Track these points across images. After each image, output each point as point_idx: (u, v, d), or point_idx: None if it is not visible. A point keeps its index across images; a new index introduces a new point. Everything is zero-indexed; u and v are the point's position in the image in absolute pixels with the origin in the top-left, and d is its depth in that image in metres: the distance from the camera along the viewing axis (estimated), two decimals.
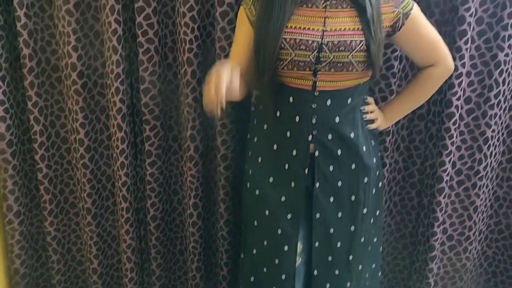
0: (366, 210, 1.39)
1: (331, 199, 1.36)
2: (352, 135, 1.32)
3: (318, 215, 1.36)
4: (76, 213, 1.90)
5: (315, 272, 1.40)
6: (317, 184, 1.34)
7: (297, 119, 1.30)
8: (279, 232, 1.38)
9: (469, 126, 1.70)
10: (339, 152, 1.32)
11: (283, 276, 1.40)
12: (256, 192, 1.42)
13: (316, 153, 1.32)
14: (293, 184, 1.35)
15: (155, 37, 1.58)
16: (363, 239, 1.42)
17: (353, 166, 1.35)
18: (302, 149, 1.32)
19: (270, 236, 1.41)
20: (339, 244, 1.39)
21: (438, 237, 1.76)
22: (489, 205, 1.85)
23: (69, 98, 1.68)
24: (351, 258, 1.41)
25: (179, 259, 1.97)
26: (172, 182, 1.86)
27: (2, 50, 1.62)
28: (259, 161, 1.41)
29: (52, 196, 1.82)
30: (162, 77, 1.67)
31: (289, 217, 1.37)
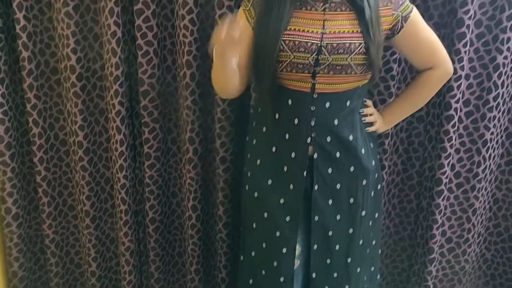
0: (364, 213, 1.39)
1: (330, 201, 1.36)
2: (351, 137, 1.32)
3: (316, 218, 1.36)
4: (75, 216, 1.90)
5: (314, 275, 1.40)
6: (315, 187, 1.34)
7: (296, 121, 1.30)
8: (278, 234, 1.38)
9: (468, 129, 1.70)
10: (338, 154, 1.32)
11: (282, 279, 1.40)
12: (255, 194, 1.42)
13: (315, 155, 1.32)
14: (291, 186, 1.35)
15: (154, 39, 1.58)
16: (362, 242, 1.42)
17: (352, 169, 1.35)
18: (301, 151, 1.32)
19: (269, 239, 1.41)
20: (337, 247, 1.39)
21: (437, 240, 1.76)
22: (488, 207, 1.85)
23: (68, 100, 1.68)
24: (350, 260, 1.41)
25: (178, 262, 1.97)
26: (171, 185, 1.85)
27: (1, 53, 1.62)
28: (258, 164, 1.41)
29: (50, 199, 1.81)
30: (161, 80, 1.67)
31: (287, 219, 1.37)
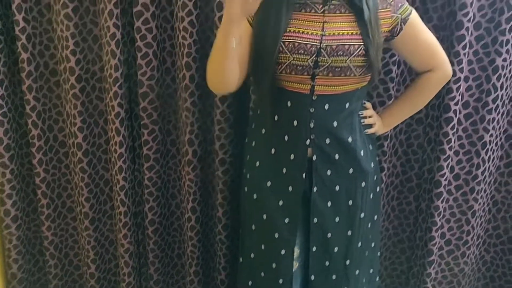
0: (363, 215, 1.39)
1: (329, 203, 1.35)
2: (350, 139, 1.32)
3: (315, 220, 1.35)
4: (74, 218, 1.90)
5: (312, 277, 1.39)
6: (314, 189, 1.34)
7: (295, 123, 1.30)
8: (277, 236, 1.38)
9: (467, 131, 1.70)
10: (337, 156, 1.32)
11: (281, 280, 1.39)
12: (254, 196, 1.42)
13: (314, 157, 1.31)
14: (290, 188, 1.35)
15: (154, 41, 1.58)
16: (361, 244, 1.42)
17: (351, 171, 1.35)
18: (300, 153, 1.32)
19: (268, 240, 1.40)
20: (336, 249, 1.39)
21: (436, 242, 1.76)
22: (487, 209, 1.85)
23: (67, 102, 1.68)
24: (348, 263, 1.41)
25: (177, 264, 1.97)
26: (170, 186, 1.85)
27: (0, 54, 1.62)
28: (257, 165, 1.41)
29: (49, 201, 1.81)
30: (160, 81, 1.68)
31: (286, 221, 1.36)
